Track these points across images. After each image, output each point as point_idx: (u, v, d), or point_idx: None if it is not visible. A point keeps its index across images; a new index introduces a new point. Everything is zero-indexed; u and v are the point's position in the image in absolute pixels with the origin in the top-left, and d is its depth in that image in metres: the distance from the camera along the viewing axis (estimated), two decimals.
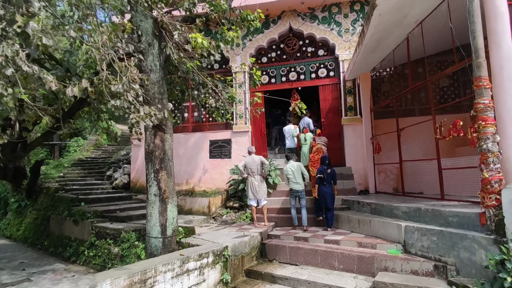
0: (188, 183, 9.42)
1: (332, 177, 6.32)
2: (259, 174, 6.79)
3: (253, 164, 6.78)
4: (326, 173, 6.28)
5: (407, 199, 6.20)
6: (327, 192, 6.19)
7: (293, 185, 6.52)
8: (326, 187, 6.23)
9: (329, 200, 6.18)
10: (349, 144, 8.60)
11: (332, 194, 6.24)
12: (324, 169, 6.32)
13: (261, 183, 6.79)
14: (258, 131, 9.47)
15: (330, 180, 6.29)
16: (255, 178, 6.73)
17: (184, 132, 9.78)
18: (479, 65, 3.76)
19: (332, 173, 6.33)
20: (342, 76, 8.79)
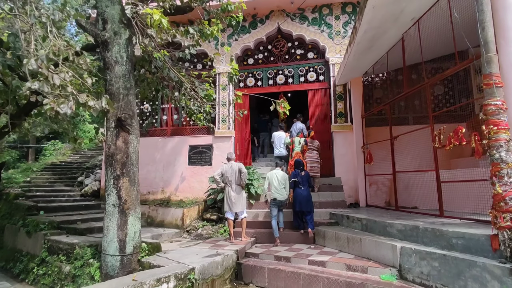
0: (163, 192, 8.62)
1: (307, 179, 6.19)
2: (237, 183, 6.07)
3: (231, 172, 6.07)
4: (300, 176, 6.12)
5: (401, 215, 5.58)
6: (303, 194, 5.96)
7: (276, 194, 6.00)
8: (302, 190, 6.01)
9: (305, 203, 5.92)
10: (339, 153, 8.00)
11: (308, 196, 6.02)
12: (298, 172, 6.19)
13: (239, 194, 6.05)
14: (242, 136, 8.79)
15: (306, 183, 6.11)
16: (232, 188, 6.02)
17: (163, 135, 9.03)
18: (489, 60, 3.21)
19: (306, 176, 6.24)
20: (333, 81, 8.26)
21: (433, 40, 5.59)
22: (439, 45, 6.12)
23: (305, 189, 6.04)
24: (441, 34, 5.40)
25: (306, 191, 6.03)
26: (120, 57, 5.00)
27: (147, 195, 8.68)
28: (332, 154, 8.16)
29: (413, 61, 6.93)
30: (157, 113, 9.27)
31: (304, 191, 6.00)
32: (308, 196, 6.02)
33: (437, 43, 5.93)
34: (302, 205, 5.91)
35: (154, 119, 9.28)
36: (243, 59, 9.12)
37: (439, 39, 5.66)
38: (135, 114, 5.20)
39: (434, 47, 5.99)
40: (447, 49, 6.43)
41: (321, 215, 6.59)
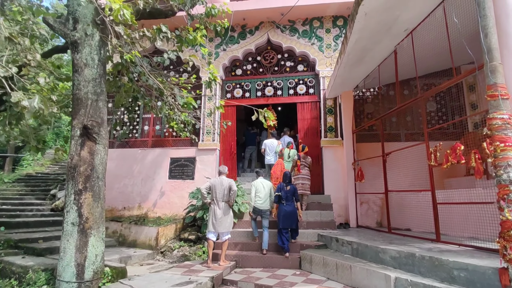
0: (140, 208, 8.00)
1: (292, 194, 5.79)
2: (225, 201, 5.55)
3: (220, 188, 5.53)
4: (285, 191, 5.73)
5: (394, 239, 5.13)
6: (287, 211, 5.60)
7: (258, 203, 5.86)
8: (285, 205, 5.64)
9: (289, 220, 5.57)
10: (329, 169, 7.59)
11: (293, 212, 5.66)
12: (283, 186, 5.81)
13: (225, 213, 5.48)
14: (227, 149, 8.33)
15: (291, 198, 5.74)
16: (218, 206, 5.46)
17: (143, 147, 8.49)
18: (494, 69, 2.88)
19: (292, 190, 5.80)
20: (323, 94, 7.96)
21: (426, 55, 5.34)
22: (432, 60, 5.89)
23: (290, 205, 5.67)
24: (435, 48, 5.17)
25: (291, 207, 5.65)
26: (91, 60, 4.55)
27: (123, 211, 8.04)
28: (321, 170, 7.75)
29: (405, 76, 6.71)
30: (138, 123, 8.76)
31: (289, 207, 5.63)
32: (293, 212, 5.64)
33: (430, 57, 5.69)
34: (286, 222, 5.54)
35: (135, 129, 8.76)
36: (231, 70, 8.79)
37: (432, 53, 5.43)
38: (104, 122, 4.71)
39: (426, 62, 5.74)
40: (440, 64, 6.23)
41: (309, 236, 6.09)
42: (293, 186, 5.94)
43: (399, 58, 5.58)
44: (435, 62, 6.00)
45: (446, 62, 5.21)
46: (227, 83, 8.67)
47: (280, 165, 6.74)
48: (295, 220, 5.68)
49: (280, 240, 5.66)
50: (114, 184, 8.20)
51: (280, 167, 6.68)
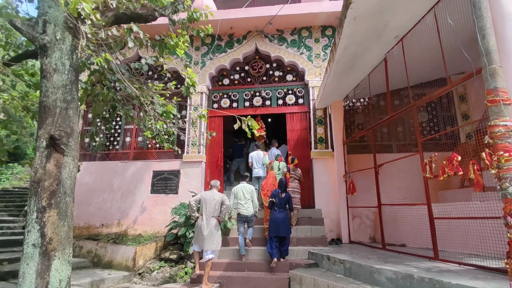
0: (120, 224, 7.48)
1: (286, 202, 5.63)
2: (215, 216, 5.16)
3: (211, 202, 5.18)
4: (279, 197, 5.58)
5: (389, 256, 4.79)
6: (279, 218, 5.44)
7: (242, 209, 5.74)
8: (278, 212, 5.49)
9: (282, 228, 5.38)
10: (319, 181, 7.28)
11: (285, 220, 5.47)
12: (277, 192, 5.67)
13: (213, 230, 5.05)
14: (213, 162, 7.96)
15: (284, 205, 5.59)
16: (206, 222, 5.04)
17: (124, 159, 8.05)
18: (493, 72, 2.65)
19: (286, 198, 5.64)
20: (312, 104, 7.74)
21: (418, 64, 5.16)
22: (423, 70, 5.75)
23: (282, 212, 5.49)
24: (426, 57, 5.00)
25: (283, 214, 5.48)
26: (61, 65, 4.18)
27: (101, 228, 7.50)
28: (312, 183, 7.43)
29: (396, 86, 6.56)
30: (119, 134, 8.35)
31: (281, 214, 5.46)
32: (285, 220, 5.45)
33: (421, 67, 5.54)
34: (279, 230, 5.36)
35: (116, 140, 8.33)
36: (218, 79, 8.53)
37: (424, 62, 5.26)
38: (74, 132, 4.30)
39: (418, 71, 5.59)
40: (431, 74, 6.08)
41: (299, 254, 5.70)
42: (288, 194, 5.74)
43: (389, 67, 5.40)
44: (426, 72, 5.87)
45: (437, 71, 5.08)
46: (214, 93, 8.39)
47: (272, 178, 6.40)
48: (286, 228, 5.42)
49: (269, 246, 5.38)
50: (92, 199, 7.69)
51: (272, 179, 6.34)
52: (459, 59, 3.78)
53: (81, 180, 7.77)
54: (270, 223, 5.52)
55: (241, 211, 5.71)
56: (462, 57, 3.97)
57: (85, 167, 7.96)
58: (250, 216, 5.76)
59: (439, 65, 4.28)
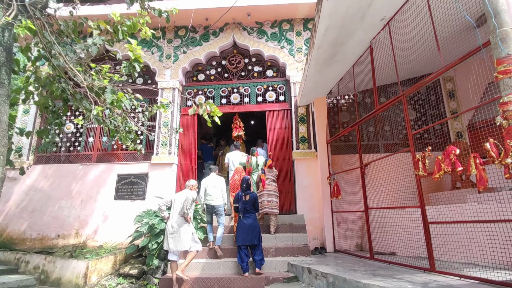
0: (78, 235, 6.61)
1: (253, 204, 5.05)
2: (180, 214, 4.80)
3: (180, 200, 4.90)
4: (243, 201, 5.02)
5: (378, 267, 4.19)
6: (246, 224, 4.88)
7: (209, 200, 5.42)
8: (244, 218, 4.95)
9: (250, 234, 4.82)
10: (302, 185, 6.67)
11: (254, 225, 4.90)
12: (240, 195, 5.11)
13: (178, 228, 4.72)
14: (186, 164, 7.22)
15: (250, 209, 5.01)
16: (172, 221, 4.79)
17: (86, 162, 7.21)
18: (505, 36, 2.12)
19: (252, 199, 5.04)
20: (294, 101, 7.18)
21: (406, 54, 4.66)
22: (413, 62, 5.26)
23: (249, 217, 4.96)
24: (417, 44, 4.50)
25: (250, 219, 4.93)
26: None
27: (56, 240, 6.60)
28: (293, 186, 6.81)
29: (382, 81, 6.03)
30: (82, 134, 7.52)
31: (248, 220, 4.92)
32: (253, 225, 4.89)
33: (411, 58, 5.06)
34: (246, 237, 4.80)
35: (77, 141, 7.49)
36: (192, 75, 7.87)
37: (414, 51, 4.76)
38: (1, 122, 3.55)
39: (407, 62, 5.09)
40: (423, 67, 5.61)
41: (277, 266, 5.02)
42: (253, 194, 5.15)
43: (376, 57, 4.89)
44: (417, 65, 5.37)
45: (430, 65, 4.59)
46: (187, 89, 7.72)
47: (239, 173, 5.77)
48: (256, 234, 4.85)
49: (239, 258, 4.80)
50: (47, 207, 6.80)
51: (239, 175, 5.71)
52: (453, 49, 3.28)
53: (35, 185, 6.90)
54: (237, 232, 5.00)
55: (208, 201, 5.44)
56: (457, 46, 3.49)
57: (41, 170, 7.09)
58: (218, 206, 5.39)
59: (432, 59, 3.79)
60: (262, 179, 5.80)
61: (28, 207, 6.84)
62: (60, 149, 7.46)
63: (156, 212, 5.56)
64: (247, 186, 5.12)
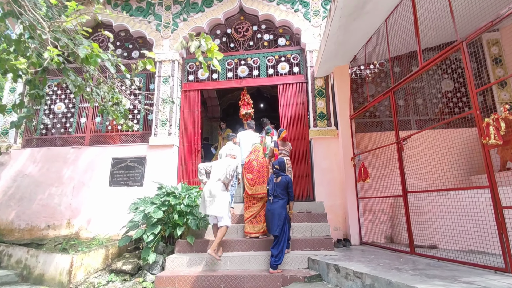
0: (70, 225, 5.93)
1: (284, 188, 4.16)
2: (222, 180, 4.31)
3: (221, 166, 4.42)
4: (273, 183, 4.23)
5: (427, 266, 3.30)
6: (270, 210, 4.09)
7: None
8: (271, 203, 4.14)
9: (270, 222, 4.04)
10: (320, 167, 5.78)
11: (276, 212, 4.01)
12: (272, 177, 4.33)
13: (217, 191, 4.22)
14: (189, 146, 6.41)
15: (281, 193, 4.14)
16: (210, 186, 4.26)
17: (78, 145, 6.48)
18: None
19: (283, 183, 4.18)
20: (311, 72, 6.23)
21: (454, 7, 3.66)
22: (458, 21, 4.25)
23: (276, 202, 4.09)
24: None
25: (277, 205, 4.07)
26: None
27: (46, 230, 5.94)
28: (310, 169, 5.93)
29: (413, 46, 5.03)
30: (73, 114, 6.77)
31: (274, 205, 4.08)
32: (275, 212, 4.03)
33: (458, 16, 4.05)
34: (269, 225, 4.09)
35: (68, 122, 6.76)
36: None
37: None
38: None
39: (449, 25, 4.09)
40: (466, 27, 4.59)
41: (295, 261, 4.19)
42: (286, 178, 4.25)
43: None
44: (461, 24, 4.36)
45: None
46: (189, 62, 6.84)
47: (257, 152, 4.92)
48: (279, 224, 3.95)
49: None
50: (36, 194, 6.13)
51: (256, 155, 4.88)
52: None
53: (23, 170, 6.23)
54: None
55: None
56: None
57: (29, 154, 6.40)
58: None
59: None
60: (274, 153, 4.94)
61: (15, 195, 6.18)
62: (50, 132, 6.75)
63: (152, 199, 4.79)
64: (281, 168, 4.28)
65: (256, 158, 4.82)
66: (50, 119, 6.76)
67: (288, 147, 5.30)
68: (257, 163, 4.79)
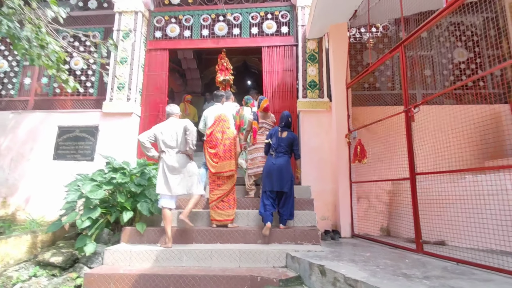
0: (5, 205, 4.90)
1: (289, 144, 3.75)
2: (180, 150, 3.58)
3: (171, 133, 3.59)
4: (277, 137, 3.75)
5: (444, 270, 2.45)
6: (276, 164, 3.65)
7: None
8: (276, 157, 3.70)
9: (279, 179, 3.60)
10: (309, 145, 4.86)
11: (286, 168, 3.65)
12: (276, 131, 3.82)
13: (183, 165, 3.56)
14: (153, 115, 5.37)
15: (285, 150, 3.72)
16: (170, 158, 3.54)
17: (21, 109, 5.37)
18: None
19: (290, 139, 3.76)
20: (302, 33, 5.22)
21: None
22: None
23: (282, 157, 3.70)
24: None
25: (283, 160, 3.68)
26: None
27: None
28: None
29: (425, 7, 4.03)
30: (16, 74, 5.62)
31: (280, 160, 3.67)
32: (285, 167, 3.65)
33: None
34: (277, 181, 3.60)
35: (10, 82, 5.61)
36: None
37: None
38: None
39: None
40: None
41: (270, 257, 3.29)
42: (293, 134, 3.85)
43: None
44: None
45: None
46: (156, 15, 5.72)
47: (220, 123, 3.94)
48: (288, 180, 3.62)
49: (262, 207, 3.60)
50: None
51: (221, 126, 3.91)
52: None
53: None
54: (263, 175, 3.76)
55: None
56: None
57: None
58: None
59: None
60: (253, 127, 4.00)
61: None
62: None
63: (92, 175, 3.79)
64: (287, 124, 3.81)
65: (221, 130, 3.84)
66: None
67: (271, 119, 4.37)
68: (222, 135, 3.81)
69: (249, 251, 3.25)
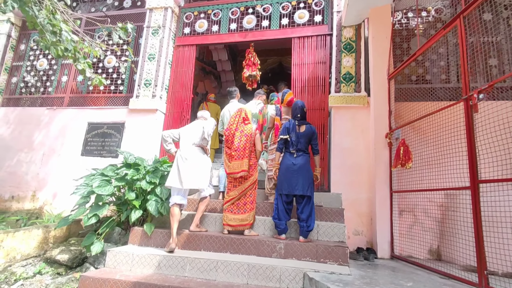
0: (34, 198, 5.06)
1: (308, 140, 3.29)
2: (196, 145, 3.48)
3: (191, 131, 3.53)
4: (296, 132, 3.27)
5: None
6: (295, 165, 3.20)
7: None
8: (294, 156, 3.24)
9: (301, 180, 3.14)
10: (341, 146, 4.23)
11: (306, 169, 3.21)
12: (292, 125, 3.31)
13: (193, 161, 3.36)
14: (177, 112, 5.20)
15: (305, 146, 3.28)
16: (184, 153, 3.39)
17: (56, 105, 5.58)
18: None
19: (309, 133, 3.29)
20: (337, 20, 4.64)
21: None
22: None
23: (301, 156, 3.26)
24: None
25: (302, 159, 3.24)
26: None
27: (10, 202, 5.14)
28: (327, 149, 4.40)
29: None
30: (55, 71, 5.89)
31: (299, 159, 3.24)
32: (305, 168, 3.22)
33: None
34: (293, 183, 3.17)
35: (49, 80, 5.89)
36: None
37: None
38: None
39: None
40: None
41: (284, 276, 2.75)
42: (311, 127, 3.38)
43: None
44: None
45: None
46: (186, 12, 5.58)
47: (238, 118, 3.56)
48: (310, 182, 3.19)
49: (276, 214, 3.22)
50: (4, 160, 5.36)
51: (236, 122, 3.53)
52: None
53: None
54: (280, 174, 3.30)
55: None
56: None
57: (4, 114, 5.65)
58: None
59: None
60: (275, 124, 3.54)
61: None
62: (29, 91, 5.94)
63: (103, 170, 3.64)
64: (303, 116, 3.34)
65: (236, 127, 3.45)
66: (31, 76, 5.94)
67: None
68: (239, 132, 3.41)
69: (260, 266, 2.76)
